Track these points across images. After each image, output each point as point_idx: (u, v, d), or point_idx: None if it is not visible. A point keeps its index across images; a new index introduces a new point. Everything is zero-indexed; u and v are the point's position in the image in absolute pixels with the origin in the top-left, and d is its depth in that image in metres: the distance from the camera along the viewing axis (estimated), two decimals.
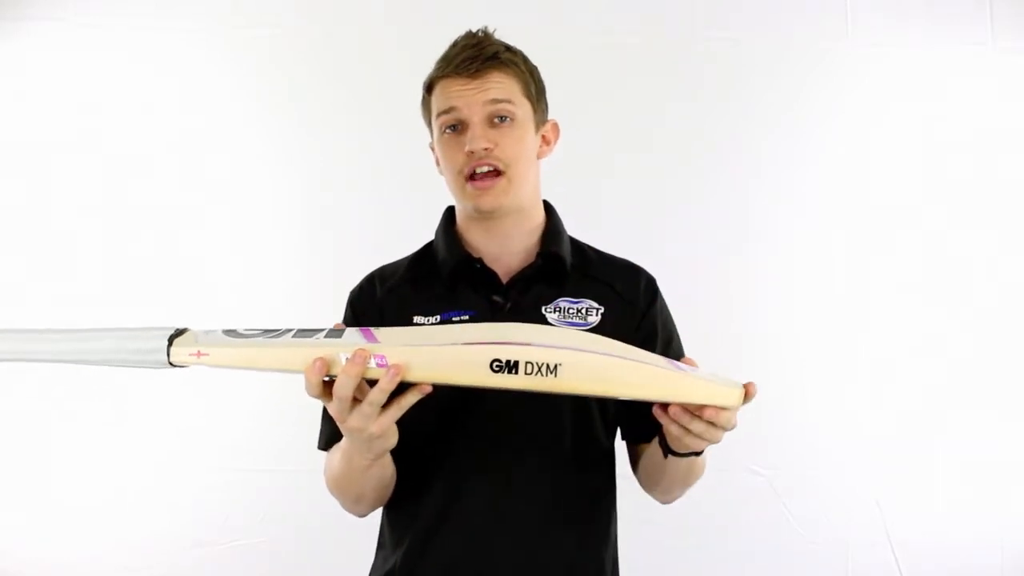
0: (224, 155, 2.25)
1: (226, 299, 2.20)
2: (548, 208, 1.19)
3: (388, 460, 1.03)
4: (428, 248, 1.20)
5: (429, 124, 1.16)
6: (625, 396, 0.88)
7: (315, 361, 0.84)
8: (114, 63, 2.23)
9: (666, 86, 2.22)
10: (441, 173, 1.16)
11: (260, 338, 0.88)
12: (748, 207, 2.22)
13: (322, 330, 0.89)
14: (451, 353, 0.85)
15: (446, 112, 1.09)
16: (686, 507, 1.15)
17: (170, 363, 0.89)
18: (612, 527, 1.17)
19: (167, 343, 0.88)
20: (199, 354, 0.87)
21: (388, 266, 1.20)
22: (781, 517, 2.19)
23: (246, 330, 0.90)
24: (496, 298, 1.10)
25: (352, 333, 0.88)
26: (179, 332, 0.90)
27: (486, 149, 1.06)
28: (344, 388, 0.84)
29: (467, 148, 1.06)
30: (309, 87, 2.24)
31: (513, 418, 1.07)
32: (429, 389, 0.87)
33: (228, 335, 0.89)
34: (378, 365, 0.84)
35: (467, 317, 1.09)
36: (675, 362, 0.91)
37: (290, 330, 0.89)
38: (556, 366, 0.84)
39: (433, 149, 1.17)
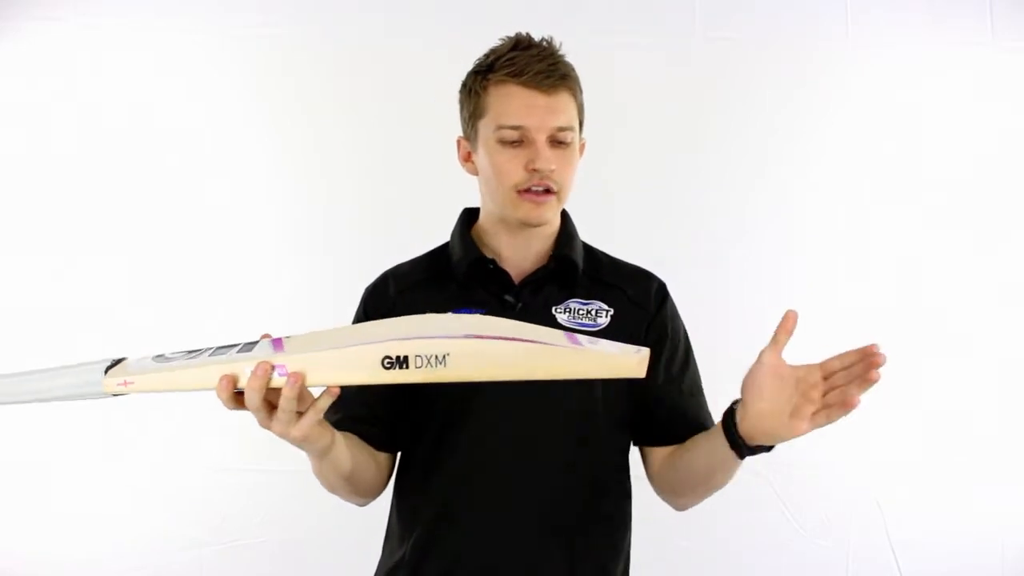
0: (225, 154, 2.24)
1: (225, 300, 2.20)
2: (563, 214, 1.20)
3: (341, 457, 1.03)
4: (444, 248, 1.21)
5: (473, 119, 1.12)
6: (521, 378, 0.86)
7: (221, 379, 0.85)
8: (114, 63, 2.23)
9: (664, 86, 2.22)
10: (471, 171, 1.16)
11: (180, 360, 0.89)
12: (748, 207, 2.22)
13: (238, 344, 0.90)
14: (343, 355, 0.85)
15: (513, 128, 1.06)
16: None
17: (106, 393, 0.90)
18: (622, 528, 1.16)
19: (103, 374, 0.90)
20: (125, 383, 0.89)
21: (402, 265, 1.21)
22: (781, 517, 2.19)
23: (172, 354, 0.91)
24: (508, 298, 1.12)
25: (263, 345, 0.89)
26: (116, 362, 0.92)
27: (552, 170, 1.06)
28: (251, 401, 0.85)
29: (534, 166, 1.06)
30: (310, 87, 2.24)
31: (519, 416, 1.07)
32: (337, 391, 0.87)
33: (156, 360, 0.90)
34: (279, 375, 0.85)
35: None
36: (575, 336, 0.89)
37: (210, 348, 0.90)
38: (444, 356, 0.84)
39: (460, 143, 1.16)
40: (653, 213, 2.19)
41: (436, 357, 0.84)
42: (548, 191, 1.08)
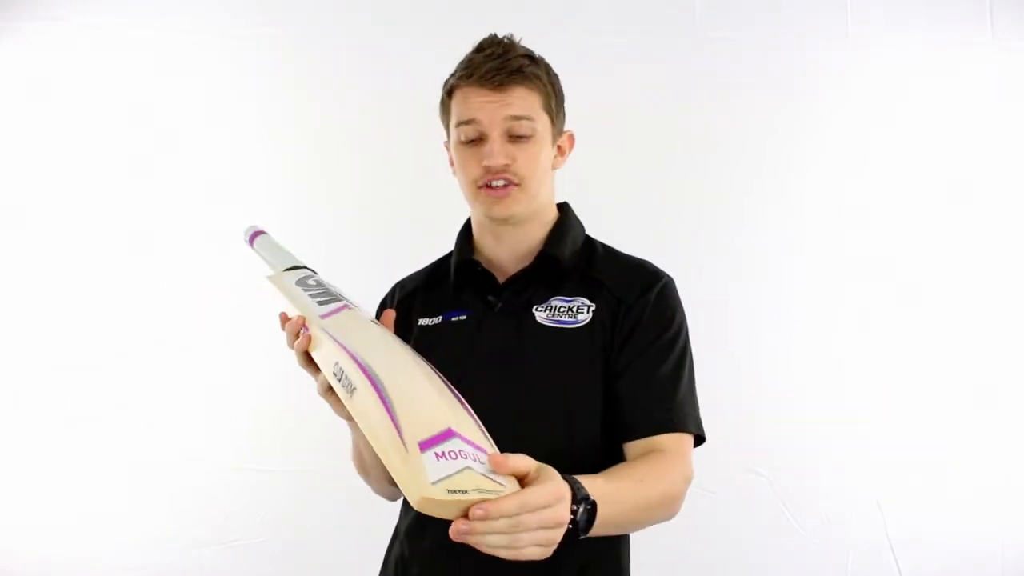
0: (225, 155, 2.25)
1: (226, 302, 2.20)
2: (563, 210, 1.20)
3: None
4: (449, 256, 1.24)
5: (447, 126, 1.17)
6: (376, 450, 0.81)
7: (281, 314, 1.03)
8: (114, 63, 2.23)
9: (663, 85, 2.21)
10: (454, 175, 1.18)
11: (293, 286, 1.07)
12: (747, 207, 2.22)
13: (332, 296, 1.04)
14: (326, 344, 0.94)
15: (466, 123, 1.10)
16: (685, 507, 1.14)
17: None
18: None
19: (283, 270, 1.12)
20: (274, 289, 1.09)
21: (410, 275, 1.27)
22: (781, 518, 2.19)
23: (311, 280, 1.09)
24: (491, 298, 1.13)
25: (334, 306, 1.01)
26: (296, 267, 1.11)
27: (504, 165, 1.08)
28: (287, 340, 1.00)
29: (485, 163, 1.08)
30: (311, 87, 2.24)
31: (514, 414, 1.06)
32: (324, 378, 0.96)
33: (296, 277, 1.09)
34: (304, 332, 0.98)
35: (464, 317, 1.14)
36: (452, 435, 0.78)
37: (319, 289, 1.06)
38: (353, 389, 0.86)
39: (447, 147, 1.20)
40: (651, 212, 2.19)
41: (350, 385, 0.86)
42: (509, 184, 1.09)
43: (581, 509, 0.82)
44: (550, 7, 2.19)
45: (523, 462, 0.79)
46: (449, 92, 1.14)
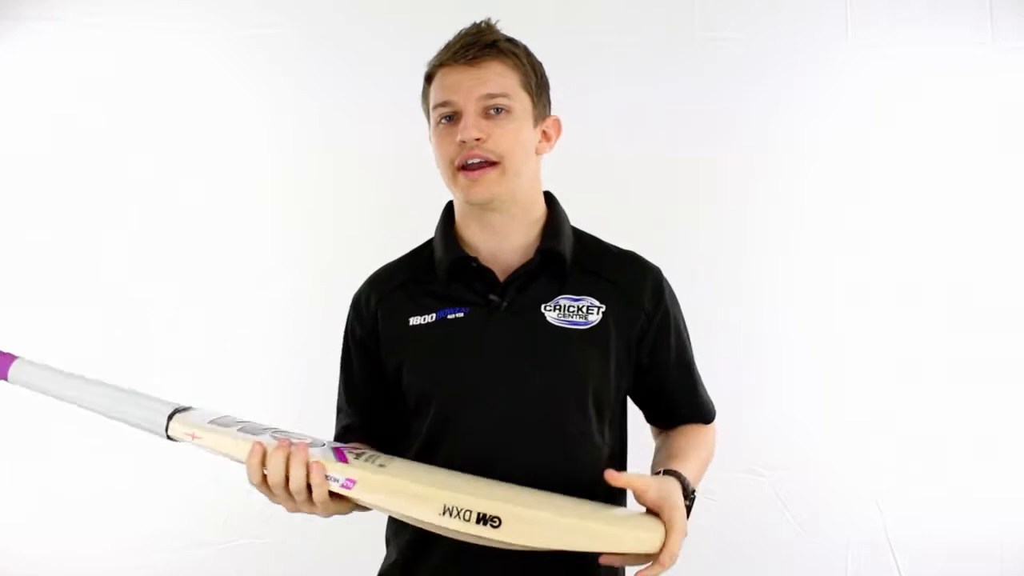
0: (226, 155, 2.24)
1: (227, 300, 2.20)
2: (550, 200, 1.16)
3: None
4: (427, 246, 1.18)
5: (428, 115, 1.13)
6: (563, 548, 0.93)
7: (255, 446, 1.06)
8: (115, 63, 2.23)
9: (663, 85, 2.21)
10: (438, 166, 1.14)
11: (234, 428, 1.06)
12: (747, 207, 2.22)
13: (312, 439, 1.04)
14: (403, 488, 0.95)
15: (442, 105, 1.07)
16: None
17: (168, 436, 1.06)
18: None
19: (166, 419, 1.07)
20: (194, 436, 1.07)
21: (384, 268, 1.20)
22: (781, 517, 2.19)
23: (229, 420, 1.08)
24: (493, 297, 1.09)
25: (326, 450, 1.02)
26: (180, 410, 1.08)
27: (477, 139, 1.04)
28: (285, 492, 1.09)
29: (459, 138, 1.04)
30: (312, 87, 2.24)
31: (507, 429, 1.05)
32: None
33: (215, 423, 1.06)
34: (342, 486, 1.01)
35: (462, 314, 1.08)
36: (605, 508, 1.00)
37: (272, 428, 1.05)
38: (499, 519, 0.91)
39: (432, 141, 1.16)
40: (650, 212, 2.19)
41: (488, 522, 0.91)
42: (487, 164, 1.05)
43: (689, 502, 1.03)
44: (549, 7, 2.19)
45: (636, 483, 0.98)
46: (428, 78, 1.11)
